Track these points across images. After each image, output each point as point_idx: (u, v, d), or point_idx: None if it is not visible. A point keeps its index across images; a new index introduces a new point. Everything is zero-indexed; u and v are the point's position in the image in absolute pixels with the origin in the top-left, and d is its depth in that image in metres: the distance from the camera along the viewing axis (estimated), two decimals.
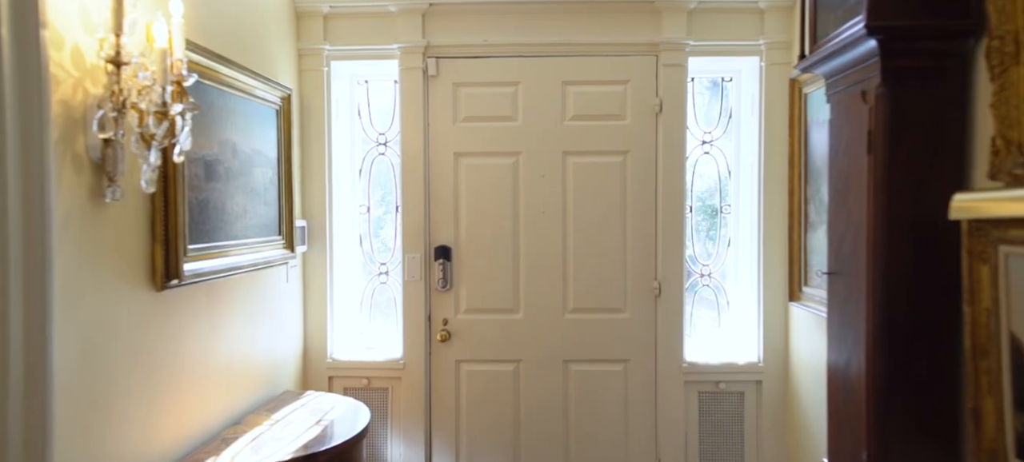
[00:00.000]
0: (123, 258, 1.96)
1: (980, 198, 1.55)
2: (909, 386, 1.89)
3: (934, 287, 1.84)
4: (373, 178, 3.69)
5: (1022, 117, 1.58)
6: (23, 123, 1.50)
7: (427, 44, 3.36)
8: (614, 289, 3.41)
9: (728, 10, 3.32)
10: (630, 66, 3.36)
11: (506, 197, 3.40)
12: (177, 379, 2.26)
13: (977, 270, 1.70)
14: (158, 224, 2.07)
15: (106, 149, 1.80)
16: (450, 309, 3.43)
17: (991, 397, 1.69)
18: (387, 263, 3.67)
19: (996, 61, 1.62)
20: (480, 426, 3.44)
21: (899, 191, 1.86)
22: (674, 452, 3.40)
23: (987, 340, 1.69)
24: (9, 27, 1.48)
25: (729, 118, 3.59)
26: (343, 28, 3.41)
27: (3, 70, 1.47)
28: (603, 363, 3.43)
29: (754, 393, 3.42)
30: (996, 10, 1.61)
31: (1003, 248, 1.62)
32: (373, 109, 3.66)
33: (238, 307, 2.71)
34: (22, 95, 1.50)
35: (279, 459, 2.27)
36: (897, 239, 1.88)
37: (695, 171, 3.57)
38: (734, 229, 3.61)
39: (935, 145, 1.85)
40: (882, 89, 1.87)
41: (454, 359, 3.44)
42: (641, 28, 3.32)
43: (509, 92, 3.39)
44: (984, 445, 1.70)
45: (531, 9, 3.34)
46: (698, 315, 3.62)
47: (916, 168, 1.85)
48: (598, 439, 3.43)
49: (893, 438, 1.90)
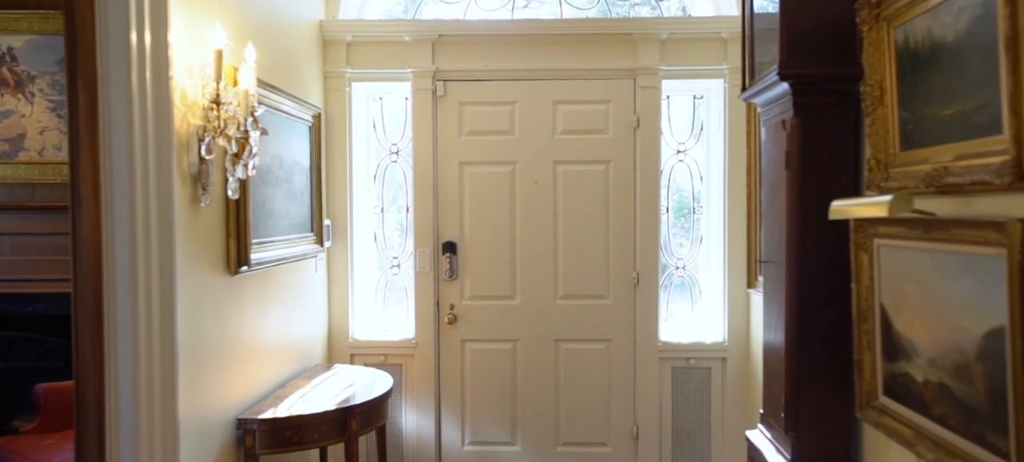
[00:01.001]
0: (210, 249, 2.51)
1: (845, 204, 2.11)
2: (816, 346, 2.46)
3: (834, 270, 2.41)
4: (386, 183, 4.25)
5: (887, 144, 2.15)
6: (157, 147, 2.06)
7: (436, 69, 3.92)
8: (598, 279, 3.98)
9: (696, 40, 3.89)
10: (611, 88, 3.92)
11: (504, 200, 3.96)
12: (242, 346, 2.81)
13: (860, 257, 2.26)
14: (231, 223, 2.63)
15: (202, 165, 2.36)
16: (456, 296, 3.99)
17: (869, 351, 2.25)
18: (398, 257, 4.23)
19: (868, 102, 2.18)
20: (482, 396, 4.01)
21: (809, 198, 2.42)
22: (650, 419, 3.97)
23: (867, 309, 2.26)
24: (151, 73, 2.04)
25: (701, 130, 4.16)
26: (363, 54, 3.96)
27: (147, 106, 2.03)
28: (589, 342, 4.00)
29: (720, 368, 3.98)
30: (867, 64, 2.18)
31: (876, 240, 2.19)
32: (386, 122, 4.21)
33: (282, 292, 3.27)
34: (156, 125, 2.07)
35: (326, 408, 2.83)
36: (807, 235, 2.44)
37: (671, 176, 4.14)
38: (705, 227, 4.17)
39: (835, 163, 2.42)
40: (795, 120, 2.43)
41: (460, 339, 4.01)
42: (621, 56, 3.89)
43: (507, 110, 3.95)
44: (864, 387, 2.27)
45: (526, 40, 3.90)
46: (675, 302, 4.18)
47: (821, 181, 2.42)
48: (584, 408, 3.99)
49: (804, 387, 2.47)
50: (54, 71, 4.16)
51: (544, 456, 4.00)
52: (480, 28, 3.94)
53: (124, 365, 2.05)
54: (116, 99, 2.02)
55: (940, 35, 1.88)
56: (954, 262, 1.81)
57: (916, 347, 2.01)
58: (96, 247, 2.04)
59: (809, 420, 2.48)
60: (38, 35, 4.17)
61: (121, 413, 2.06)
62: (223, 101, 2.28)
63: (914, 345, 2.02)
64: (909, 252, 2.02)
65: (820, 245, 2.44)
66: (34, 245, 4.27)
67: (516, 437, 4.01)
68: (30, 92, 4.18)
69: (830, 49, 2.37)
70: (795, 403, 2.49)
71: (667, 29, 3.85)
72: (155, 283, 2.06)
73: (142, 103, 2.05)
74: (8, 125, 4.18)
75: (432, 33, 3.89)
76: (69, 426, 3.33)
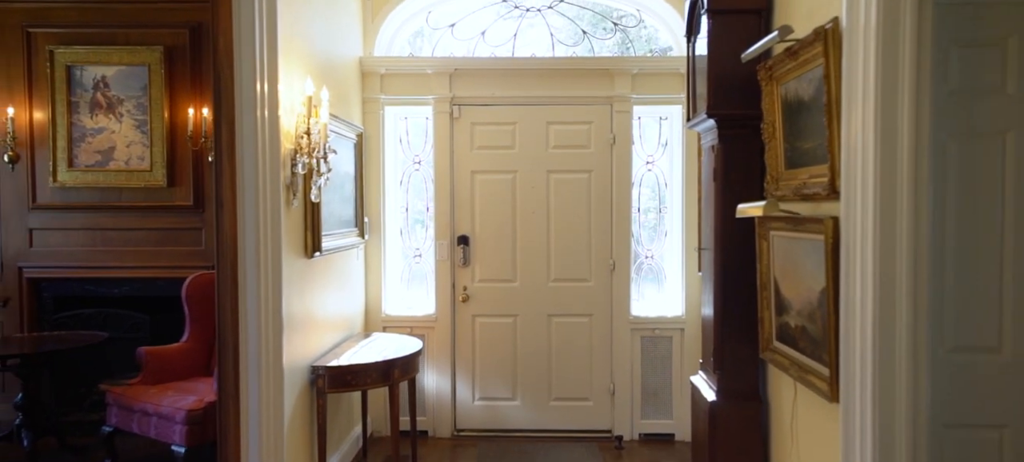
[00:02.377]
0: (296, 239, 3.45)
1: (744, 206, 3.06)
2: (734, 309, 3.42)
3: (745, 254, 3.36)
4: (410, 188, 5.18)
5: (777, 165, 3.10)
6: (270, 165, 3.00)
7: (453, 96, 4.86)
8: (582, 265, 4.93)
9: (660, 74, 4.84)
10: (592, 112, 4.88)
11: (507, 202, 4.91)
12: (313, 312, 3.74)
13: (761, 244, 3.22)
14: (309, 219, 3.57)
15: (293, 177, 3.30)
16: (468, 279, 4.94)
17: (767, 310, 3.21)
18: (420, 248, 5.17)
19: (766, 135, 3.14)
20: (489, 361, 4.95)
21: (729, 203, 3.37)
22: (623, 378, 4.92)
23: (766, 281, 3.22)
24: (268, 112, 2.98)
25: (665, 145, 5.11)
26: (394, 83, 4.90)
27: (265, 136, 2.96)
28: (575, 317, 4.95)
29: (679, 337, 4.93)
30: (765, 108, 3.14)
31: (771, 232, 3.15)
32: (411, 137, 5.15)
33: (336, 274, 4.20)
34: (270, 150, 3.00)
35: (375, 360, 3.78)
36: (728, 229, 3.40)
37: (642, 183, 5.09)
38: (669, 224, 5.12)
39: (747, 177, 3.37)
40: (719, 146, 3.39)
41: (471, 314, 4.95)
42: (600, 86, 4.84)
43: (509, 129, 4.90)
44: (764, 336, 3.23)
45: (524, 73, 4.85)
46: (645, 285, 5.13)
47: (738, 190, 3.37)
48: (571, 370, 4.94)
49: (726, 338, 3.43)
50: (139, 95, 5.08)
51: (539, 409, 4.95)
52: (488, 64, 4.89)
53: (251, 321, 2.99)
54: (247, 131, 2.95)
55: (803, 94, 2.84)
56: (807, 245, 2.77)
57: (791, 304, 2.97)
58: (234, 237, 2.97)
59: (729, 362, 3.44)
60: (127, 66, 5.09)
61: (250, 356, 3.00)
62: (311, 132, 3.22)
63: (791, 303, 2.98)
64: (788, 240, 2.98)
65: (737, 236, 3.40)
66: (121, 238, 5.19)
67: (516, 394, 4.97)
68: (119, 112, 5.10)
69: (742, 97, 3.32)
70: (721, 350, 3.45)
71: (637, 66, 4.81)
72: (270, 263, 3.00)
73: (262, 134, 2.99)
74: (101, 139, 5.10)
75: (449, 67, 4.84)
76: (165, 380, 4.29)
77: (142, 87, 5.08)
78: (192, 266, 4.97)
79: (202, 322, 4.54)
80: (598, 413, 4.94)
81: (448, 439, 4.91)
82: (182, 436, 3.81)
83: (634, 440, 4.91)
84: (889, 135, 2.27)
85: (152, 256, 5.16)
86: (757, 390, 3.45)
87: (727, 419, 3.41)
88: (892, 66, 2.26)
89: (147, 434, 4.00)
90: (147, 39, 5.09)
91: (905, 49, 2.24)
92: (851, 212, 2.39)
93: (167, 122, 5.10)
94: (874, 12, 2.27)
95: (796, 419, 3.08)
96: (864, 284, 2.32)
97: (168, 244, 5.18)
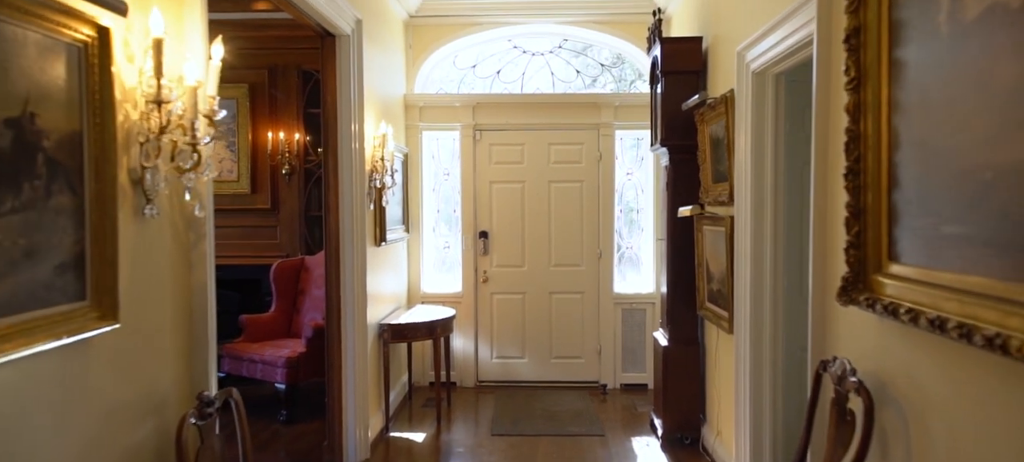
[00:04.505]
0: (371, 233, 4.86)
1: (682, 209, 4.47)
2: (680, 282, 4.83)
3: (688, 243, 4.77)
4: (440, 194, 6.60)
5: (707, 181, 4.51)
6: (358, 181, 4.43)
7: (475, 123, 6.29)
8: (575, 254, 6.34)
9: (636, 106, 6.24)
10: (584, 136, 6.30)
11: (517, 205, 6.33)
12: (378, 288, 5.16)
13: (698, 236, 4.64)
14: (378, 217, 4.98)
15: (370, 189, 4.72)
16: (488, 265, 6.36)
17: (701, 281, 4.64)
18: (448, 242, 6.58)
19: (700, 160, 4.56)
20: (503, 328, 6.37)
21: (677, 206, 4.78)
22: (608, 341, 6.33)
23: (701, 261, 4.63)
24: (357, 144, 4.41)
25: (641, 161, 6.53)
26: (429, 113, 6.33)
27: (355, 161, 4.39)
28: (570, 294, 6.37)
29: (651, 309, 6.34)
30: (699, 141, 4.55)
31: (705, 226, 4.57)
32: (441, 155, 6.57)
33: (391, 260, 5.62)
34: (358, 170, 4.43)
35: (423, 320, 5.21)
36: (676, 225, 4.81)
37: (622, 191, 6.51)
38: (643, 223, 6.54)
39: (690, 188, 4.77)
40: (670, 166, 4.81)
41: (490, 292, 6.37)
42: (590, 116, 6.26)
43: (519, 148, 6.32)
44: (700, 299, 4.66)
45: (531, 106, 6.27)
46: (626, 269, 6.55)
47: (683, 197, 4.78)
48: (567, 335, 6.36)
49: (675, 302, 4.85)
50: (228, 121, 6.51)
51: (543, 365, 6.37)
52: (502, 98, 6.32)
53: (347, 289, 4.40)
54: (344, 158, 4.36)
55: (718, 134, 4.25)
56: (719, 235, 4.20)
57: (714, 275, 4.39)
58: (337, 231, 4.37)
59: (676, 318, 4.85)
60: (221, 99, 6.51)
61: (346, 314, 4.41)
62: (384, 157, 4.64)
63: (714, 274, 4.40)
64: (712, 232, 4.40)
65: (682, 231, 4.82)
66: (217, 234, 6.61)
67: (525, 353, 6.39)
68: None
69: (685, 132, 4.72)
70: (671, 311, 4.87)
71: (618, 100, 6.23)
72: (357, 249, 4.41)
73: (353, 160, 4.40)
74: None
75: (472, 101, 6.26)
76: (260, 339, 5.72)
77: (232, 115, 6.50)
78: (270, 255, 6.40)
79: (284, 297, 5.97)
80: (588, 368, 6.37)
81: (472, 388, 6.34)
82: (283, 376, 5.23)
83: (616, 388, 6.33)
84: (759, 162, 3.68)
85: (239, 247, 6.59)
86: (696, 337, 4.87)
87: (676, 357, 4.83)
88: (760, 119, 3.67)
89: (254, 377, 5.43)
90: (234, 78, 6.52)
91: (767, 109, 3.66)
92: (738, 213, 3.81)
93: (250, 143, 6.53)
94: (749, 86, 3.68)
95: (718, 352, 4.50)
96: (744, 258, 3.74)
97: (250, 238, 6.62)
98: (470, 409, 5.81)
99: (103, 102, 1.90)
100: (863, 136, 2.23)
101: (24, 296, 1.67)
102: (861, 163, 2.24)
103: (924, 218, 1.98)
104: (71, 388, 1.91)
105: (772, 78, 3.62)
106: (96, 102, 1.89)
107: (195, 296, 2.58)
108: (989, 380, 1.75)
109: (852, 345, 2.48)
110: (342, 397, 4.45)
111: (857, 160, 2.26)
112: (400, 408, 5.72)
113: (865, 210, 2.24)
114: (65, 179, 1.78)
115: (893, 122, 2.12)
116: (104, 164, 1.91)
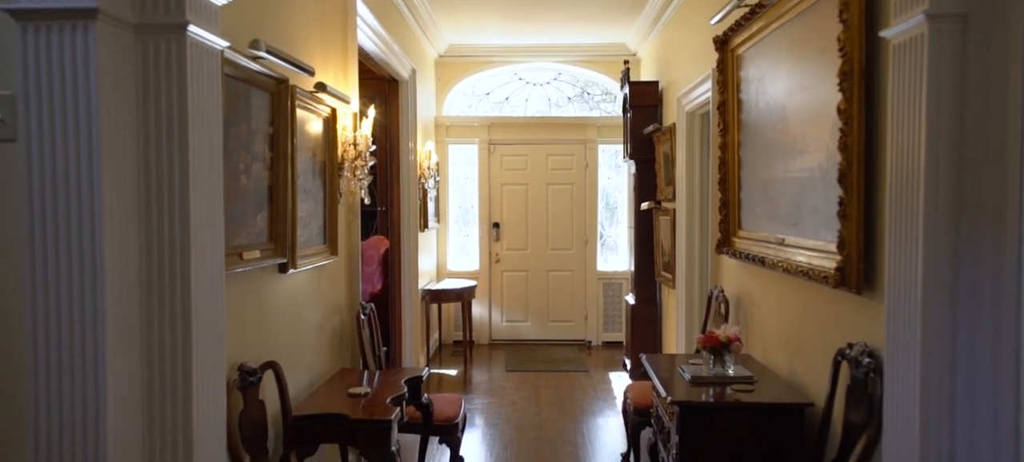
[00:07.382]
0: (417, 221, 6.67)
1: (644, 204, 6.30)
2: (643, 257, 6.68)
3: (649, 228, 6.62)
4: (461, 193, 8.41)
5: (662, 183, 6.36)
6: (412, 187, 6.26)
7: (490, 139, 8.12)
8: (567, 240, 8.19)
9: (614, 126, 8.06)
10: (574, 148, 8.15)
11: (522, 202, 8.16)
12: (421, 263, 6.96)
13: (655, 223, 6.49)
14: (423, 212, 6.79)
15: (419, 187, 6.54)
16: (500, 249, 8.19)
17: (658, 255, 6.49)
18: (468, 231, 8.40)
19: (658, 168, 6.41)
20: (511, 298, 8.20)
21: (641, 202, 6.62)
22: (592, 308, 8.18)
23: (656, 242, 6.48)
24: (413, 156, 6.24)
25: (617, 168, 8.38)
26: (454, 130, 8.15)
27: (410, 170, 6.21)
28: (563, 271, 8.21)
29: (626, 283, 8.17)
30: (656, 156, 6.40)
31: (659, 217, 6.41)
32: (462, 162, 8.39)
33: (428, 242, 7.42)
34: (412, 180, 6.26)
35: (454, 287, 7.04)
36: (641, 216, 6.66)
37: (604, 191, 8.35)
38: (620, 216, 8.38)
39: (651, 187, 6.62)
40: (636, 173, 6.66)
41: (501, 270, 8.20)
42: (578, 133, 8.11)
43: (523, 158, 8.16)
44: (657, 269, 6.50)
45: (533, 125, 8.11)
46: (607, 253, 8.39)
47: (646, 196, 6.62)
48: (560, 303, 8.19)
49: (639, 272, 6.70)
50: None
51: (542, 326, 8.21)
52: (511, 120, 8.16)
53: (405, 261, 6.21)
54: (403, 168, 6.17)
55: (668, 152, 6.11)
56: (668, 222, 6.06)
57: (665, 250, 6.26)
58: (397, 221, 6.17)
59: (641, 283, 6.71)
60: None
61: (404, 281, 6.22)
62: (431, 167, 6.45)
63: (665, 250, 6.27)
64: (664, 220, 6.26)
65: (645, 220, 6.67)
66: None
67: (528, 317, 8.23)
68: None
69: (647, 148, 6.58)
70: (638, 279, 6.73)
71: (601, 122, 8.09)
72: (410, 233, 6.21)
73: (409, 170, 6.20)
74: None
75: (488, 121, 8.10)
76: None
77: None
78: None
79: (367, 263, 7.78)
80: (577, 328, 8.22)
81: (486, 345, 8.17)
82: None
83: (598, 345, 8.18)
84: (690, 173, 5.53)
85: None
86: (654, 297, 6.72)
87: (640, 312, 6.68)
88: (690, 144, 5.51)
89: None
90: None
91: (695, 137, 5.50)
92: (679, 206, 5.67)
93: None
94: (684, 121, 5.53)
95: (667, 305, 6.35)
96: (680, 235, 5.59)
97: None
98: (486, 358, 7.64)
99: (330, 144, 3.72)
100: (727, 161, 4.09)
101: (329, 239, 3.50)
102: (726, 176, 4.10)
103: (749, 205, 3.84)
104: (317, 287, 3.71)
105: (698, 117, 5.47)
106: (331, 145, 3.71)
107: (353, 249, 4.39)
108: (771, 283, 3.60)
109: (725, 277, 4.35)
110: (401, 339, 6.27)
111: (724, 175, 4.12)
112: (433, 356, 7.54)
113: (728, 202, 4.10)
114: (322, 184, 3.61)
115: (740, 154, 3.98)
116: (332, 176, 3.73)
